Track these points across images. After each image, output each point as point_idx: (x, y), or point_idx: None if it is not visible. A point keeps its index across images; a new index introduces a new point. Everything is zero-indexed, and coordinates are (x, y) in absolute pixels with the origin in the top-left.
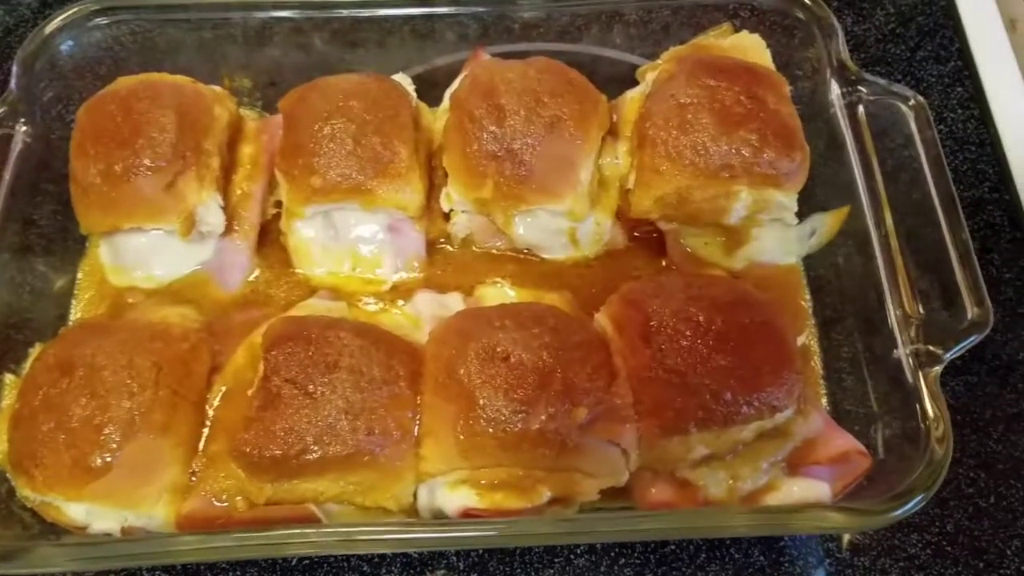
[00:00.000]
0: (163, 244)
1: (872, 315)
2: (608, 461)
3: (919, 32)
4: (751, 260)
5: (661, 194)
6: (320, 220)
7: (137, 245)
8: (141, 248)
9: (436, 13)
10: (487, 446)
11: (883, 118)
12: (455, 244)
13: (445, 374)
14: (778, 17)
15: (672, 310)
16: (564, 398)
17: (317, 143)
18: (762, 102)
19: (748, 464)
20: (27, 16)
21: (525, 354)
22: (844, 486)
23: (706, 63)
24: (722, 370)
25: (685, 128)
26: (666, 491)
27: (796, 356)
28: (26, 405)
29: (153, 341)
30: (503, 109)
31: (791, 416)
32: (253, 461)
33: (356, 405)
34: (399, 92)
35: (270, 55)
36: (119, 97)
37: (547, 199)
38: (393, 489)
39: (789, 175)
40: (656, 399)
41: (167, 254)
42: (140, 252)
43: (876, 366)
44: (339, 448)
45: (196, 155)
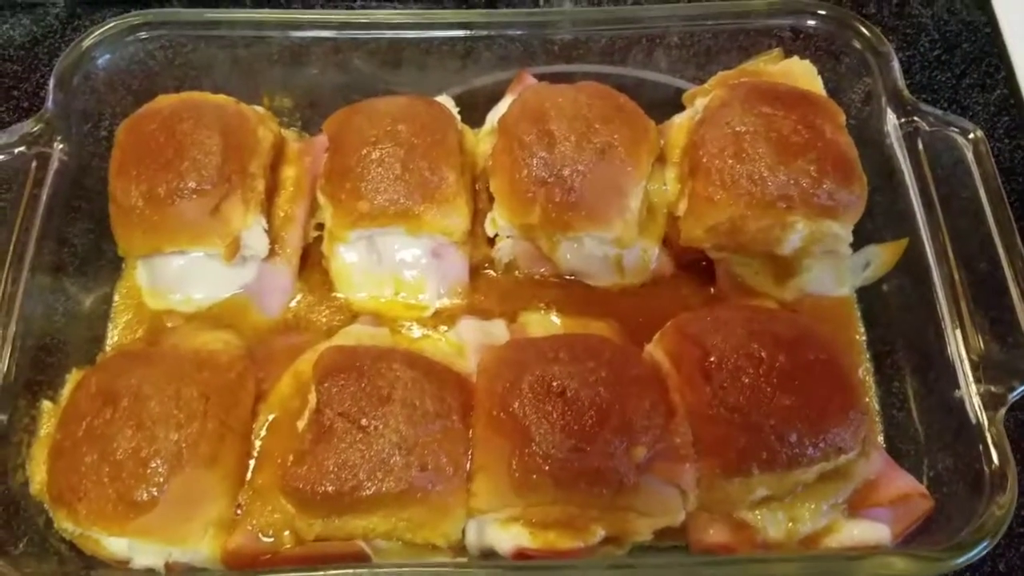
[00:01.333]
0: (203, 267)
1: (929, 350)
2: (665, 501)
3: (964, 59)
4: (802, 291)
5: (714, 223)
6: (363, 244)
7: (176, 268)
8: (180, 271)
9: (476, 35)
10: (542, 484)
11: (937, 149)
12: (499, 269)
13: (499, 408)
14: (825, 43)
15: (733, 345)
16: (622, 435)
17: (365, 167)
18: (820, 132)
19: (807, 506)
20: (55, 27)
21: (581, 389)
22: (904, 528)
23: (761, 90)
24: (786, 409)
25: (741, 157)
26: (723, 532)
27: (862, 395)
28: (68, 435)
29: (200, 370)
30: (553, 135)
31: (854, 458)
32: (305, 497)
33: (409, 440)
34: (446, 115)
35: (309, 75)
36: (161, 116)
37: (595, 226)
38: (443, 526)
39: (847, 206)
40: (717, 438)
41: (207, 277)
42: (179, 275)
43: (932, 402)
44: (392, 484)
45: (241, 178)
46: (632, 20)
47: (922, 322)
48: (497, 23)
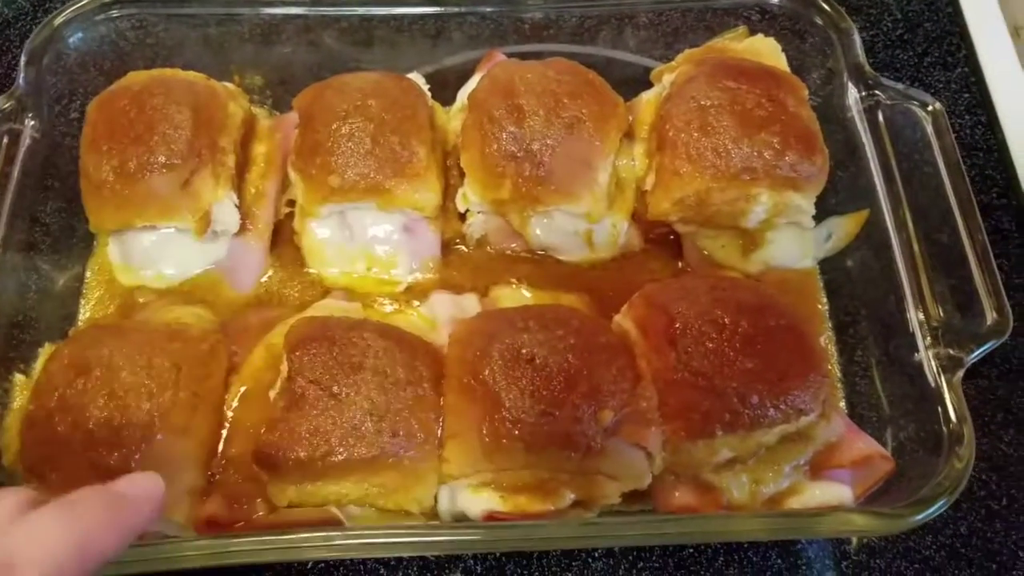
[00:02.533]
0: (174, 243)
1: (890, 319)
2: (632, 464)
3: (926, 38)
4: (767, 263)
5: (681, 196)
6: (335, 220)
7: (147, 243)
8: (152, 247)
9: (446, 13)
10: (512, 448)
11: (898, 122)
12: (470, 245)
13: (469, 375)
14: (789, 21)
15: (697, 312)
16: (590, 400)
17: (335, 142)
18: (782, 105)
19: (770, 468)
20: (26, 8)
21: (550, 356)
22: (865, 489)
23: (726, 65)
24: (749, 373)
25: (706, 130)
26: (689, 495)
27: (822, 359)
28: (40, 407)
29: (172, 341)
30: (522, 109)
31: (815, 420)
32: (277, 463)
33: (381, 407)
34: (416, 91)
35: (280, 53)
36: (132, 92)
37: (565, 200)
38: (416, 491)
39: (809, 178)
40: (682, 402)
41: (178, 253)
42: (150, 251)
43: (893, 370)
44: (364, 450)
45: (212, 153)
46: None
47: (883, 292)
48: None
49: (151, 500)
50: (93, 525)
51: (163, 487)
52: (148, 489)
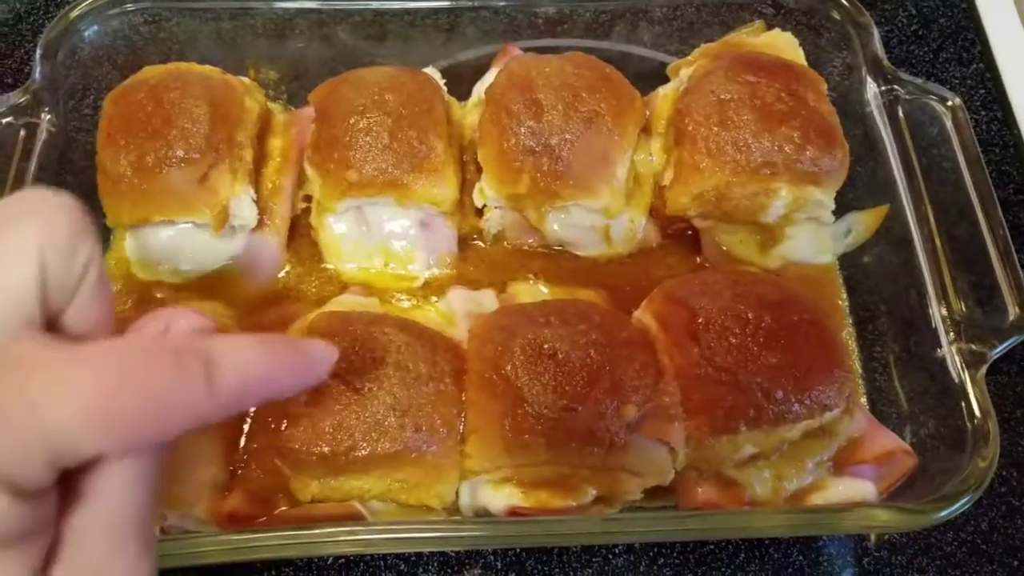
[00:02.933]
0: (192, 238)
1: (911, 314)
2: (655, 460)
3: (941, 34)
4: (786, 258)
5: (700, 191)
6: (352, 215)
7: (165, 239)
8: (169, 242)
9: (460, 7)
10: (534, 444)
11: (917, 117)
12: (487, 240)
13: (491, 371)
14: (805, 16)
15: (720, 307)
16: (613, 395)
17: (352, 137)
18: (802, 99)
19: (793, 464)
20: (39, 3)
21: (572, 351)
22: (889, 485)
23: (745, 59)
24: (773, 368)
25: (726, 124)
26: (711, 491)
27: (845, 354)
28: None
29: None
30: (540, 104)
31: (838, 415)
32: (301, 458)
33: (403, 402)
34: (433, 86)
35: (294, 47)
36: (148, 86)
37: (583, 195)
38: (437, 487)
39: (830, 173)
40: (706, 397)
41: (195, 248)
42: (168, 246)
43: (914, 365)
44: (387, 445)
45: (229, 147)
46: None
47: (903, 287)
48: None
49: (325, 363)
50: (281, 361)
51: (337, 355)
52: (327, 351)
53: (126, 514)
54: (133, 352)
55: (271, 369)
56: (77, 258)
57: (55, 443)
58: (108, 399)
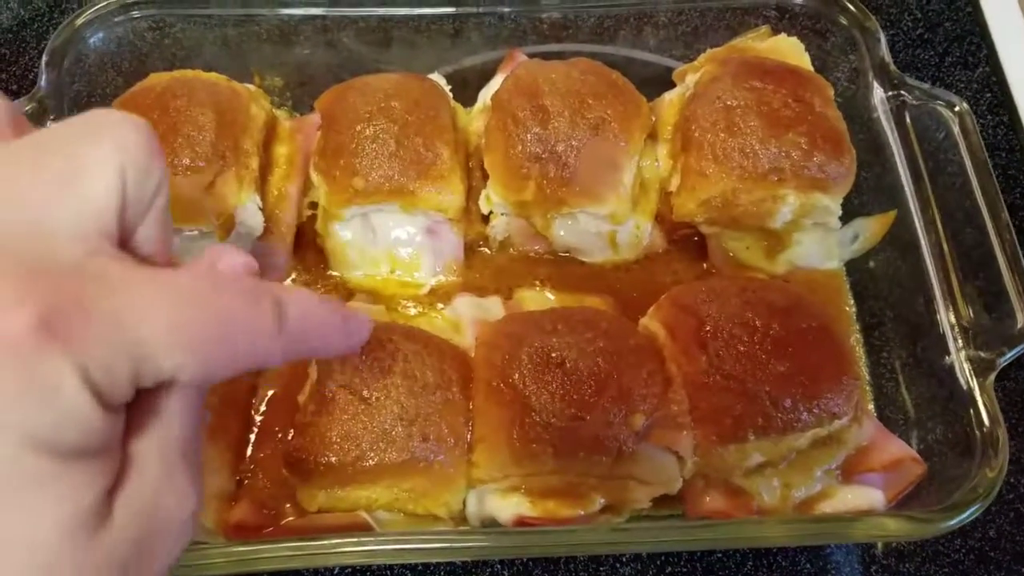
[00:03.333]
0: (197, 246)
1: (918, 320)
2: (663, 468)
3: (947, 38)
4: (793, 264)
5: (707, 197)
6: (358, 222)
7: None
8: (175, 249)
9: (465, 13)
10: (542, 453)
11: (924, 122)
12: (493, 247)
13: (499, 379)
14: (811, 20)
15: (727, 315)
16: (621, 404)
17: (359, 144)
18: (809, 105)
19: (802, 472)
20: (43, 9)
21: (580, 359)
22: (897, 493)
23: (751, 65)
24: (781, 376)
25: (733, 131)
26: (719, 499)
27: (854, 362)
28: None
29: None
30: (547, 110)
31: (846, 424)
32: (308, 468)
33: (411, 411)
34: (439, 92)
35: (299, 54)
36: (154, 94)
37: (590, 202)
38: (445, 496)
39: (837, 179)
40: (714, 406)
41: None
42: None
43: (922, 372)
44: (395, 455)
45: (235, 155)
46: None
47: (911, 293)
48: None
49: (364, 330)
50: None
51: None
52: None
53: (184, 440)
54: (211, 280)
55: (325, 321)
56: (151, 178)
57: (140, 358)
58: (192, 320)
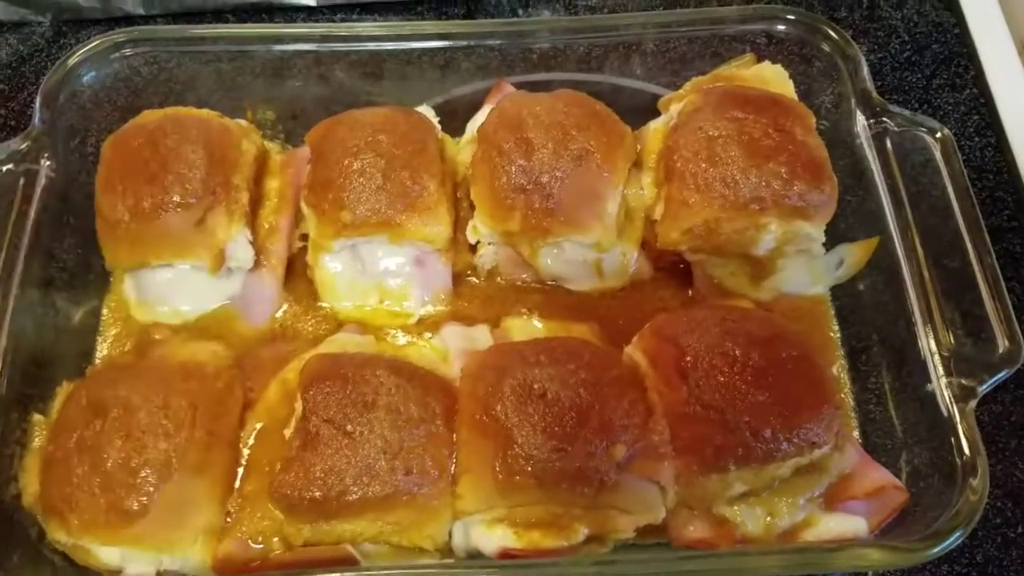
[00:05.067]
0: (189, 279)
1: (902, 346)
2: (645, 498)
3: (934, 60)
4: (778, 290)
5: (689, 226)
6: (347, 254)
7: (163, 280)
8: (167, 283)
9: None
10: (525, 484)
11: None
12: (481, 276)
13: (481, 411)
14: (796, 47)
15: (708, 345)
16: (602, 435)
17: (346, 178)
18: (790, 134)
19: (785, 500)
20: (41, 45)
21: (562, 391)
22: (880, 520)
23: (733, 95)
24: (761, 406)
25: (714, 160)
26: (703, 528)
27: (835, 391)
28: (59, 447)
29: (187, 380)
30: (531, 142)
31: (828, 452)
32: (293, 503)
33: (394, 444)
34: (426, 125)
35: (291, 87)
36: (146, 131)
37: (575, 231)
38: (430, 528)
39: (818, 207)
40: (694, 436)
41: (193, 289)
42: (166, 287)
43: (907, 397)
44: (378, 488)
45: (225, 190)
46: (608, 28)
47: (894, 318)
48: (476, 33)
49: None
50: None
51: None
52: None
53: None
54: None
55: None
56: None
57: None
58: None
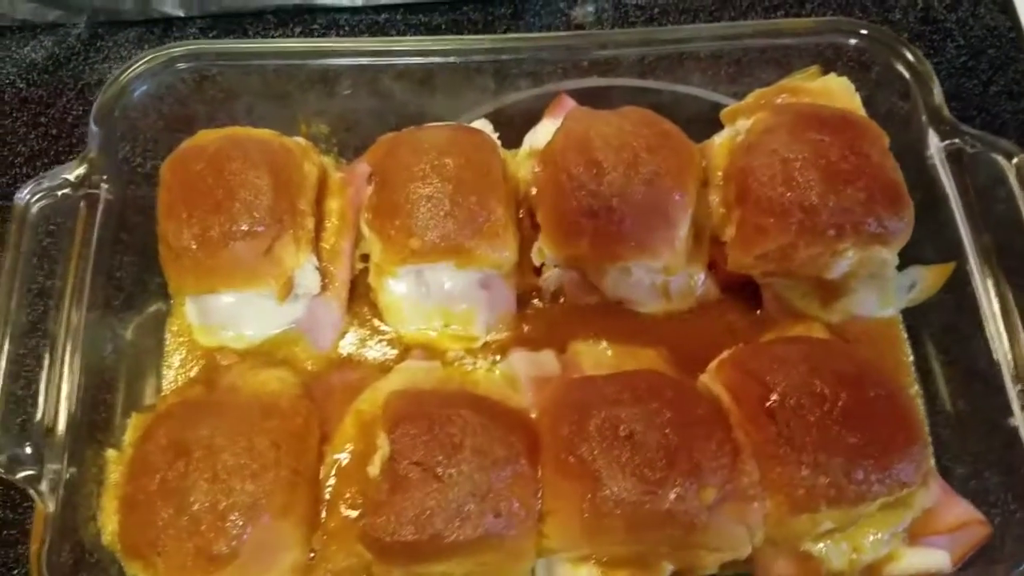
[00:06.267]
0: (254, 304)
1: (976, 369)
2: (733, 537)
3: (991, 65)
4: (849, 312)
5: (764, 251)
6: (412, 277)
7: (227, 305)
8: (231, 308)
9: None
10: (613, 527)
11: (978, 170)
12: (545, 298)
13: (567, 452)
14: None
15: (795, 383)
16: (692, 477)
17: (414, 204)
18: (867, 156)
19: (870, 536)
20: (77, 48)
21: (648, 431)
22: (963, 554)
23: (806, 115)
24: (852, 447)
25: (791, 185)
26: (790, 565)
27: (922, 429)
28: (140, 489)
29: (268, 419)
30: (600, 165)
31: (914, 489)
32: (385, 546)
33: (483, 486)
34: (489, 145)
35: (343, 100)
36: (207, 155)
37: (644, 256)
38: (516, 568)
39: (896, 233)
40: (784, 477)
41: (258, 314)
42: (230, 312)
43: (980, 422)
44: (469, 532)
45: (292, 217)
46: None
47: (967, 341)
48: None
49: None
50: None
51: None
52: None
53: None
54: None
55: None
56: None
57: None
58: None
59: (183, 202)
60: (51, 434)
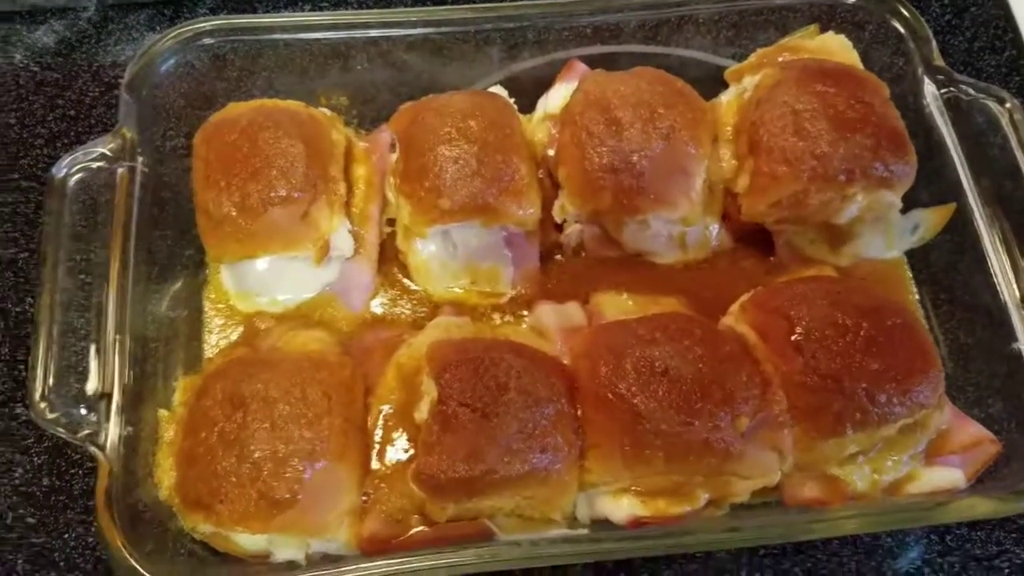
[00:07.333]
0: (289, 269)
1: (979, 303)
2: (765, 464)
3: (974, 23)
4: (857, 256)
5: (778, 198)
6: (439, 237)
7: (262, 271)
8: (266, 274)
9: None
10: (653, 458)
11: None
12: (567, 253)
13: (606, 390)
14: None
15: (818, 317)
16: (726, 408)
17: (442, 165)
18: (871, 106)
19: (891, 458)
20: (89, 32)
21: (682, 366)
22: (975, 471)
23: (812, 69)
24: (875, 373)
25: (802, 134)
26: (816, 488)
27: (937, 354)
28: (199, 442)
29: (318, 371)
30: (619, 122)
31: (930, 411)
32: (439, 484)
33: (528, 424)
34: (510, 109)
35: (359, 72)
36: (240, 126)
37: (664, 208)
38: (561, 500)
39: (902, 176)
40: (813, 404)
41: (293, 278)
42: (265, 278)
43: (987, 356)
44: (518, 467)
45: (325, 182)
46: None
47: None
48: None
49: None
50: None
51: None
52: None
53: None
54: None
55: None
56: None
57: None
58: None
59: (221, 172)
60: (107, 398)
